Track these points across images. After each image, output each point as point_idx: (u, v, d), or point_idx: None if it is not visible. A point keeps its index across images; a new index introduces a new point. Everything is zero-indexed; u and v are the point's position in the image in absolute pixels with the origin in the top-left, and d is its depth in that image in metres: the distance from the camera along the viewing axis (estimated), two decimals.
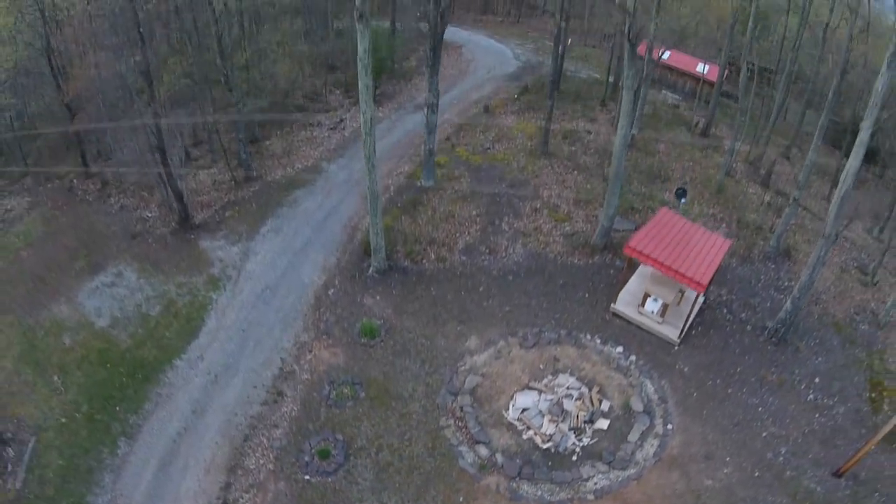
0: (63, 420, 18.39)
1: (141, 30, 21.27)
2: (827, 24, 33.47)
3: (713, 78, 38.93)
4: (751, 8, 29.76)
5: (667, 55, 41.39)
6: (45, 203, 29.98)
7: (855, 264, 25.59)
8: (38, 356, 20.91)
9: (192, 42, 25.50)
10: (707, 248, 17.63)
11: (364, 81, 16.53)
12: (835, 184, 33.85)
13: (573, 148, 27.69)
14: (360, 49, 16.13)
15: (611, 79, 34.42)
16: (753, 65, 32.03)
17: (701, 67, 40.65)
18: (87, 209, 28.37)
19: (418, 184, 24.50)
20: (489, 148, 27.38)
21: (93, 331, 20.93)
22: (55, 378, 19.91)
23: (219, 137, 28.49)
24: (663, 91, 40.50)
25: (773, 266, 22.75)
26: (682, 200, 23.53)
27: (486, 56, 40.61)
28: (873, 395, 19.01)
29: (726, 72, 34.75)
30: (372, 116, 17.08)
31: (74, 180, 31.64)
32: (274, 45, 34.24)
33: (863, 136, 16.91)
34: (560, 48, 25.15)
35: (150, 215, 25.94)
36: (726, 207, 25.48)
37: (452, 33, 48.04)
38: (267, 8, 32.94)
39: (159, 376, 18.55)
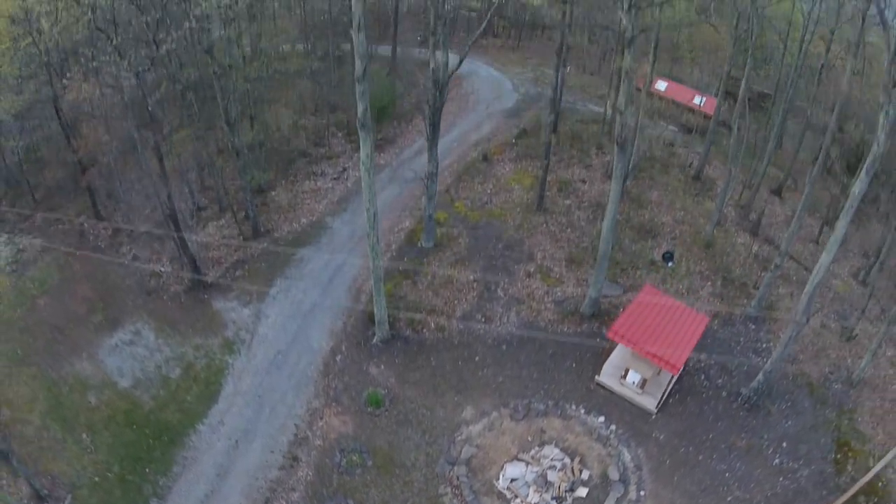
0: (96, 479, 21.55)
1: (150, 108, 24.07)
2: (822, 66, 36.19)
3: (709, 110, 41.64)
4: (749, 42, 31.99)
5: (664, 87, 44.14)
6: (58, 247, 32.99)
7: (836, 317, 28.51)
8: (65, 413, 24.05)
9: (201, 111, 28.24)
10: (685, 329, 20.58)
11: (366, 182, 19.41)
12: (826, 221, 36.68)
13: (568, 202, 30.55)
14: (362, 153, 18.99)
15: (608, 113, 36.83)
16: (749, 98, 34.53)
17: (698, 100, 43.38)
18: (101, 257, 31.38)
19: (419, 245, 27.44)
20: (487, 202, 30.26)
21: (116, 391, 24.03)
22: (84, 436, 23.06)
23: (223, 186, 31.35)
24: (660, 123, 43.17)
25: (753, 327, 25.70)
26: (670, 264, 26.45)
27: (485, 89, 43.26)
28: (838, 456, 22.04)
29: (724, 100, 37.24)
30: (375, 213, 20.00)
31: (85, 224, 34.62)
32: (276, 87, 36.95)
33: (838, 234, 19.47)
34: (556, 104, 27.80)
35: (162, 270, 28.93)
36: (713, 263, 28.36)
37: (455, 61, 50.47)
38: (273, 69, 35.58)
39: (184, 440, 21.64)
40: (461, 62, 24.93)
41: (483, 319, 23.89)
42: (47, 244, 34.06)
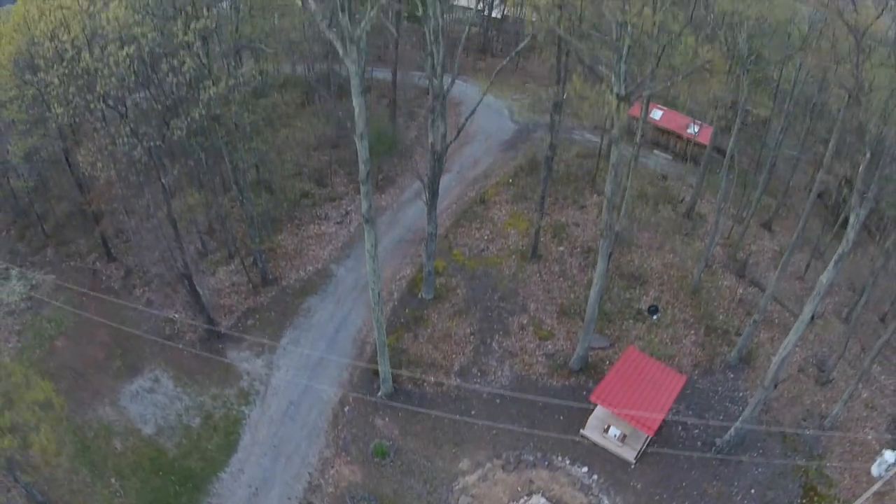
0: None
1: (164, 181, 27.32)
2: (814, 105, 39.27)
3: (704, 140, 44.72)
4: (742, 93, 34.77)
5: (659, 115, 47.20)
6: (71, 286, 36.47)
7: (814, 361, 31.99)
8: (92, 457, 27.74)
9: (208, 163, 31.44)
10: (663, 390, 24.08)
11: (371, 267, 22.82)
12: (815, 253, 39.99)
13: (561, 248, 33.90)
14: (367, 243, 22.36)
15: (603, 145, 39.83)
16: (745, 122, 37.31)
17: (692, 129, 46.47)
18: (115, 302, 34.83)
19: (419, 296, 30.88)
20: (484, 249, 33.62)
21: (140, 437, 27.64)
22: (113, 481, 26.76)
23: (232, 234, 34.67)
24: (655, 151, 46.37)
25: (732, 376, 29.19)
26: (654, 317, 29.91)
27: (483, 118, 46.12)
28: (804, 501, 25.66)
29: (719, 127, 40.09)
30: (380, 292, 23.42)
31: (97, 262, 38.00)
32: (281, 130, 40.15)
33: (805, 317, 22.75)
34: (550, 163, 31.06)
35: (176, 316, 32.39)
36: (697, 311, 31.76)
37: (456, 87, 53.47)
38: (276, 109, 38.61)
39: (208, 487, 25.29)
40: (458, 133, 28.08)
41: (479, 374, 27.40)
42: (61, 282, 37.61)
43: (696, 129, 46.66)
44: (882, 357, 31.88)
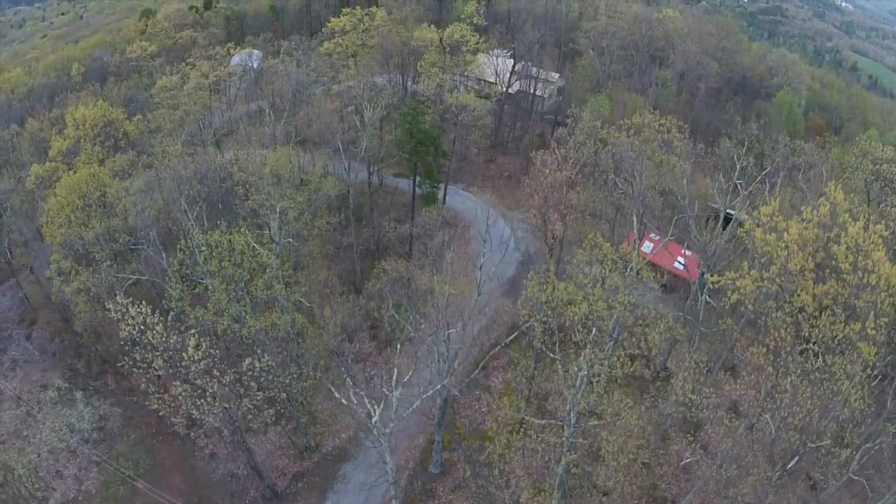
0: None
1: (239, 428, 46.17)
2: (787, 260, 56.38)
3: (691, 274, 62.04)
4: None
5: (649, 248, 64.21)
6: (140, 425, 56.49)
7: None
8: None
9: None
10: None
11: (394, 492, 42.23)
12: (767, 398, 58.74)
13: (542, 421, 52.99)
14: None
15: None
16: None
17: (679, 263, 63.65)
18: (182, 448, 54.85)
19: (428, 469, 50.46)
20: (481, 423, 52.58)
21: None
22: None
23: (275, 392, 53.76)
24: (644, 280, 63.77)
25: None
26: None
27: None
28: None
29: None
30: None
31: (160, 409, 57.45)
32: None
33: None
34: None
35: (239, 473, 52.32)
36: (644, 481, 50.96)
37: (462, 201, 70.33)
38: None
39: None
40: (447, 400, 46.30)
41: None
42: (127, 418, 57.54)
43: (684, 263, 64.03)
44: None
